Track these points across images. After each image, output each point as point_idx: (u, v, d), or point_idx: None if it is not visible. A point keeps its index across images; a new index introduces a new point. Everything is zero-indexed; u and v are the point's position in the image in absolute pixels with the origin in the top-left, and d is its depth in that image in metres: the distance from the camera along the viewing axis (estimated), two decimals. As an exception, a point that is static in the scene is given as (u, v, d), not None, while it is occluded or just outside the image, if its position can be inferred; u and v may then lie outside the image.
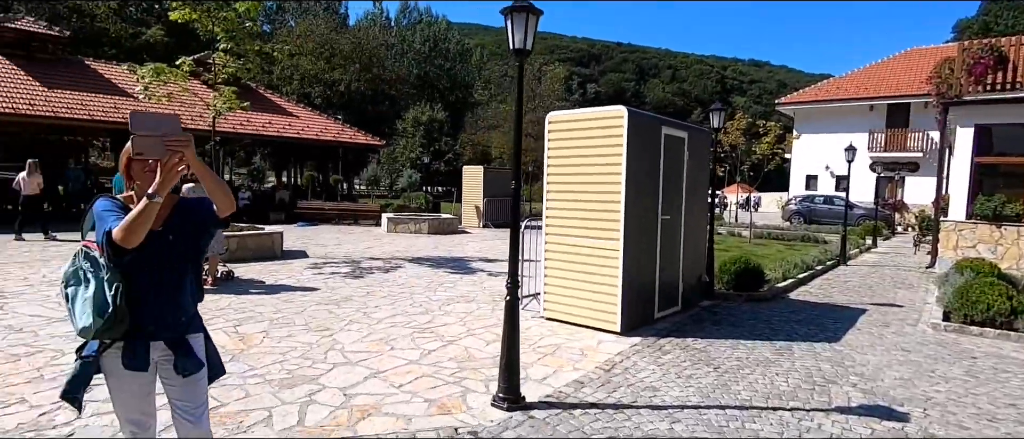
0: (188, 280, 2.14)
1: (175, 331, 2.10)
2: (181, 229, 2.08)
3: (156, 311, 2.03)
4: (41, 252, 10.00)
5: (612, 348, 5.19)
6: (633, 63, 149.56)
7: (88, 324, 1.91)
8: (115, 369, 2.03)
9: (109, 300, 1.91)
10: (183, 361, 2.09)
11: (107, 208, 2.00)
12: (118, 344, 2.02)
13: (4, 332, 5.06)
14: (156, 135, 1.84)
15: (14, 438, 3.12)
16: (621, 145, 5.50)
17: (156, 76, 8.97)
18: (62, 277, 2.02)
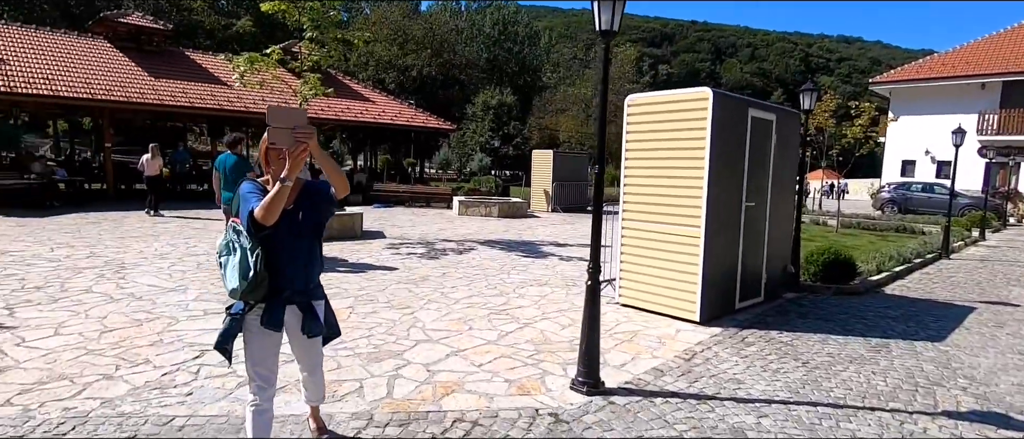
0: (314, 252, 2.51)
1: (304, 296, 2.49)
2: (308, 207, 2.45)
3: (289, 276, 2.42)
4: (151, 228, 11.00)
5: (691, 337, 5.07)
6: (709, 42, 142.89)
7: (235, 286, 2.29)
8: (254, 327, 2.42)
9: (251, 265, 2.28)
10: (310, 323, 2.51)
11: (250, 190, 2.35)
12: (259, 306, 2.40)
13: (128, 299, 5.62)
14: (287, 127, 2.17)
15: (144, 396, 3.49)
16: (705, 128, 5.30)
17: (250, 65, 9.55)
18: (217, 248, 2.44)
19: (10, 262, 7.22)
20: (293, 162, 2.20)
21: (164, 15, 33.10)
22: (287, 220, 2.35)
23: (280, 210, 2.23)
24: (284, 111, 2.21)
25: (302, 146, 2.19)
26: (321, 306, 2.58)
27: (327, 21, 9.72)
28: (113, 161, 17.73)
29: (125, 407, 3.27)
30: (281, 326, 2.45)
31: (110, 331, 4.60)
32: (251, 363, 2.47)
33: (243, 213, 2.31)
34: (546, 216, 17.25)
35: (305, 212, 2.45)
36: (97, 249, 8.44)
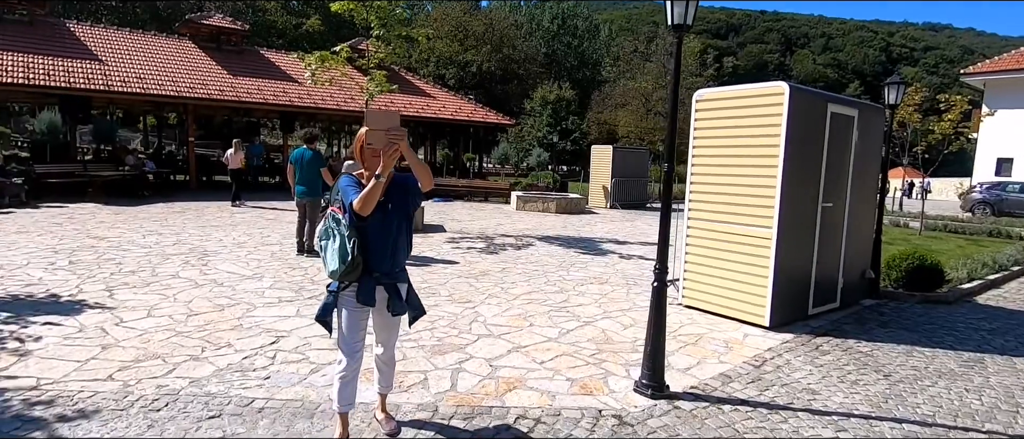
0: (402, 238, 2.79)
1: (391, 278, 2.77)
2: (397, 199, 2.74)
3: (380, 260, 2.71)
4: (229, 218, 11.69)
5: (760, 343, 4.87)
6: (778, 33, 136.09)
7: (335, 268, 2.62)
8: (349, 303, 2.74)
9: (349, 250, 2.59)
10: (395, 303, 2.78)
11: (349, 184, 2.69)
12: (353, 286, 2.71)
13: (211, 286, 6.00)
14: (382, 130, 2.47)
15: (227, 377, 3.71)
16: (780, 125, 5.05)
17: (321, 63, 9.94)
18: (318, 234, 2.75)
19: (108, 248, 7.87)
20: (386, 161, 2.49)
21: (241, 15, 35.03)
22: (379, 210, 2.63)
23: (375, 202, 2.55)
24: (380, 114, 2.50)
25: (395, 147, 2.49)
26: (404, 288, 2.85)
27: (393, 19, 9.97)
28: (195, 155, 18.97)
29: (210, 387, 3.49)
30: (373, 302, 2.74)
31: (196, 315, 4.93)
32: (343, 333, 2.79)
33: (345, 203, 2.66)
34: (605, 213, 17.04)
35: (394, 203, 2.72)
36: (182, 236, 9.05)
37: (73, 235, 8.75)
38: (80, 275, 6.16)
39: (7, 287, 5.54)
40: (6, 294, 5.29)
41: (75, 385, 3.43)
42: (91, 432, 2.89)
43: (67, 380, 3.50)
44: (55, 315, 4.72)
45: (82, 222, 10.16)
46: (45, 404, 3.17)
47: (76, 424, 2.97)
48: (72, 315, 4.74)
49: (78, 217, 10.78)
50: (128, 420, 3.03)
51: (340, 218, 2.65)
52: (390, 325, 2.91)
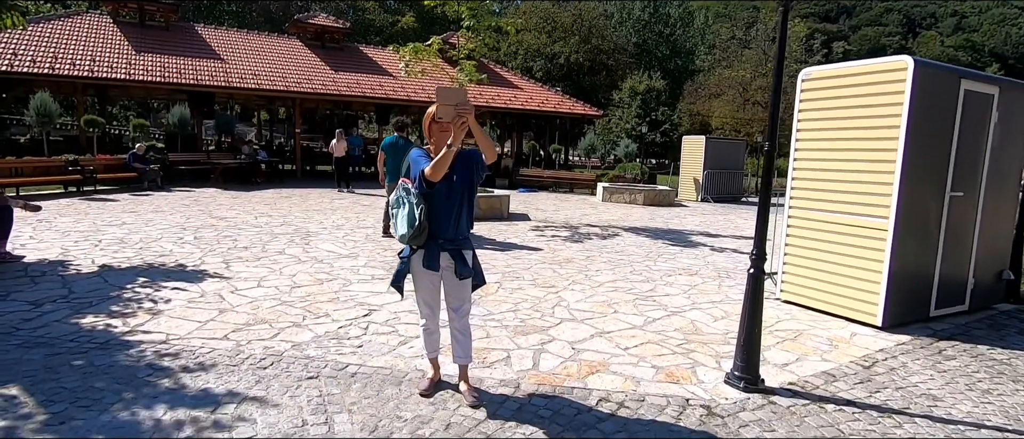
0: (466, 208, 2.95)
1: (455, 244, 2.92)
2: (462, 171, 2.90)
3: (444, 226, 2.89)
4: (330, 203, 12.47)
5: (870, 343, 4.44)
6: (899, 13, 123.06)
7: (404, 232, 2.83)
8: (418, 268, 2.96)
9: (417, 216, 2.78)
10: (461, 267, 2.92)
11: (420, 155, 2.95)
12: (420, 252, 2.91)
13: (312, 262, 6.44)
14: (451, 105, 2.65)
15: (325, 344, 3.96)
16: (901, 104, 4.56)
17: (415, 55, 10.31)
18: (391, 202, 2.98)
19: (226, 227, 8.67)
20: (457, 131, 2.71)
21: (343, 15, 37.18)
22: (445, 181, 2.83)
23: (445, 170, 2.74)
24: (450, 91, 2.69)
25: (463, 119, 2.68)
26: (470, 255, 2.99)
27: (483, 10, 10.12)
28: (301, 146, 20.44)
29: (309, 351, 3.74)
30: (438, 267, 2.92)
31: (298, 287, 5.30)
32: (419, 295, 3.07)
33: (414, 172, 2.88)
34: (695, 206, 16.34)
35: (459, 175, 2.88)
36: (288, 219, 9.78)
37: (198, 215, 9.74)
38: (203, 249, 6.84)
39: (144, 257, 6.27)
40: (144, 263, 5.99)
41: (197, 342, 3.81)
42: (209, 383, 3.20)
43: (190, 337, 3.89)
44: (182, 282, 5.27)
45: (205, 204, 11.28)
46: (172, 356, 3.55)
47: (197, 375, 3.29)
48: (196, 282, 5.27)
49: (202, 200, 11.98)
50: (239, 375, 3.32)
51: (410, 187, 2.86)
52: (460, 290, 3.03)
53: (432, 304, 3.09)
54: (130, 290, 4.92)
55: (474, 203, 3.06)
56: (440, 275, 2.99)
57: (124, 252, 6.46)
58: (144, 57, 17.10)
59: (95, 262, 5.91)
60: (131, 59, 16.79)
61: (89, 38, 17.32)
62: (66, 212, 9.42)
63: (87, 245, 6.77)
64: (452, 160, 2.76)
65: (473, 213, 3.07)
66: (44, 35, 16.70)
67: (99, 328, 3.98)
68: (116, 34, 18.08)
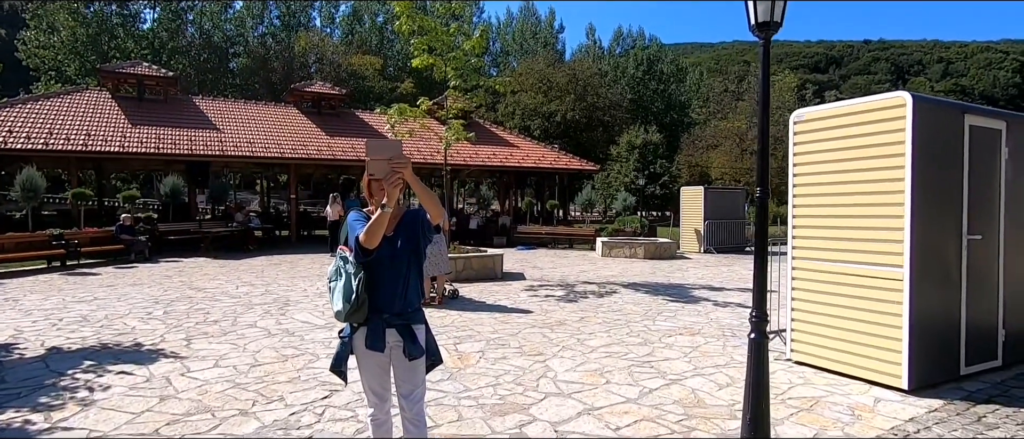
0: (412, 276, 2.58)
1: (403, 319, 2.54)
2: (406, 233, 2.56)
3: (388, 299, 2.52)
4: (319, 268, 12.07)
5: (898, 411, 3.90)
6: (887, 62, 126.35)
7: (340, 308, 2.46)
8: (361, 349, 2.56)
9: (354, 288, 2.42)
10: (409, 346, 2.52)
11: (356, 219, 2.56)
12: (363, 330, 2.53)
13: (282, 335, 5.97)
14: (384, 159, 2.31)
15: (268, 437, 3.46)
16: (903, 142, 4.22)
17: (400, 115, 10.20)
18: (328, 275, 2.60)
19: (203, 298, 8.25)
20: (391, 190, 2.36)
21: (343, 83, 38.15)
22: (388, 246, 2.49)
23: (381, 234, 2.39)
24: (382, 144, 2.36)
25: (397, 175, 2.33)
26: (421, 330, 2.61)
27: (469, 68, 10.07)
28: (297, 211, 20.28)
29: (251, 446, 3.24)
30: (383, 347, 2.54)
31: (259, 365, 4.83)
32: (364, 381, 2.66)
33: (351, 239, 2.51)
34: (698, 257, 15.85)
35: (403, 238, 2.56)
36: (271, 287, 9.37)
37: (178, 287, 9.33)
38: (168, 325, 6.40)
39: (101, 336, 5.82)
40: (98, 343, 5.54)
41: (123, 439, 3.32)
42: (118, 494, 2.70)
43: (117, 433, 3.41)
44: (132, 364, 4.81)
45: (189, 274, 10.90)
46: (87, 459, 3.06)
47: (107, 483, 2.80)
48: (146, 364, 4.81)
49: (187, 270, 11.61)
50: (158, 481, 2.82)
51: (347, 256, 2.50)
52: (410, 373, 2.61)
53: (379, 391, 2.66)
54: (69, 376, 4.46)
55: (423, 270, 2.68)
56: (387, 356, 2.58)
57: (82, 331, 6.02)
58: (140, 129, 17.22)
59: (44, 345, 5.46)
60: (126, 132, 16.89)
61: (86, 113, 17.52)
62: (39, 288, 9.04)
63: (45, 325, 6.34)
64: (391, 222, 2.45)
65: (422, 282, 2.69)
66: (41, 112, 16.90)
67: (15, 425, 3.51)
68: (113, 108, 18.32)
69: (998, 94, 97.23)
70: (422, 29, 10.38)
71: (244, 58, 44.92)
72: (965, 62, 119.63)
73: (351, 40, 50.86)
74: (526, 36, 61.21)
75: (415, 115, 10.38)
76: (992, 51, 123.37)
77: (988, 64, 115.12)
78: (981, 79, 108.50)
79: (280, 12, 48.87)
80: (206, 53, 42.09)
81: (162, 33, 39.57)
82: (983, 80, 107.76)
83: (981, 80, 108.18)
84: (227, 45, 44.96)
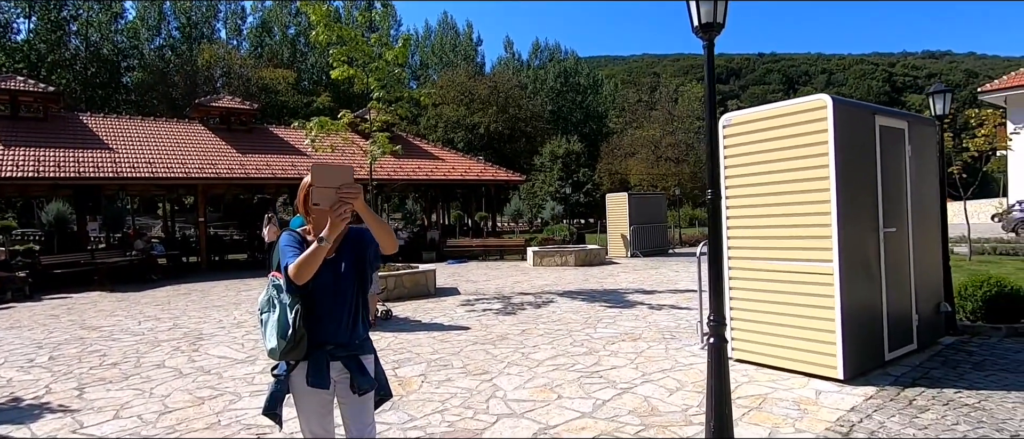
0: (359, 303, 2.28)
1: (349, 350, 2.25)
2: (351, 257, 2.24)
3: (332, 330, 2.21)
4: (235, 296, 11.13)
5: (839, 401, 4.02)
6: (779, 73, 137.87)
7: (274, 345, 2.12)
8: (301, 387, 2.22)
9: (290, 322, 2.09)
10: (358, 378, 2.23)
11: (288, 243, 2.19)
12: (303, 365, 2.19)
13: (196, 374, 5.34)
14: (332, 187, 2.00)
15: (187, 493, 2.99)
16: (826, 143, 4.42)
17: (321, 128, 9.65)
18: (258, 305, 2.26)
19: (98, 337, 7.29)
20: (334, 222, 2.05)
21: (254, 97, 36.08)
22: (330, 270, 2.19)
23: (313, 271, 2.07)
24: (329, 169, 2.03)
25: (346, 206, 2.04)
26: (370, 361, 2.32)
27: (392, 79, 9.73)
28: (207, 235, 18.75)
29: (164, 512, 2.77)
30: (328, 384, 2.21)
31: (169, 412, 4.25)
32: (305, 426, 2.31)
33: (282, 267, 2.16)
34: (626, 262, 16.24)
35: (348, 261, 2.24)
36: (180, 320, 8.48)
37: (66, 327, 8.22)
38: (55, 373, 5.55)
39: (-32, 393, 4.93)
40: (-37, 402, 4.68)
41: (-4, 521, 2.74)
42: None
43: (-11, 514, 2.81)
44: (7, 425, 4.07)
45: (80, 312, 9.67)
46: None
47: None
48: (26, 422, 4.09)
49: (78, 307, 10.31)
50: None
51: (281, 284, 2.16)
52: (359, 410, 2.31)
53: (322, 434, 2.33)
54: (-76, 447, 3.69)
55: (368, 295, 2.37)
56: (332, 392, 2.27)
57: (-59, 389, 5.08)
58: (13, 151, 15.25)
59: None
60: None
61: (-55, 134, 15.29)
62: None
63: None
64: (335, 243, 2.16)
65: (368, 308, 2.39)
66: None
67: None
68: (-20, 128, 16.13)
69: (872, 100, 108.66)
70: (341, 39, 9.92)
71: (139, 72, 41.46)
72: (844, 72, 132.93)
73: (260, 53, 48.33)
74: (446, 49, 61.07)
75: (337, 129, 9.87)
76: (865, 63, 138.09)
77: (862, 75, 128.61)
78: (857, 88, 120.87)
79: (179, 23, 45.57)
80: (94, 67, 38.37)
81: (40, 45, 35.68)
82: (859, 89, 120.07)
83: (858, 89, 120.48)
84: (119, 58, 41.25)
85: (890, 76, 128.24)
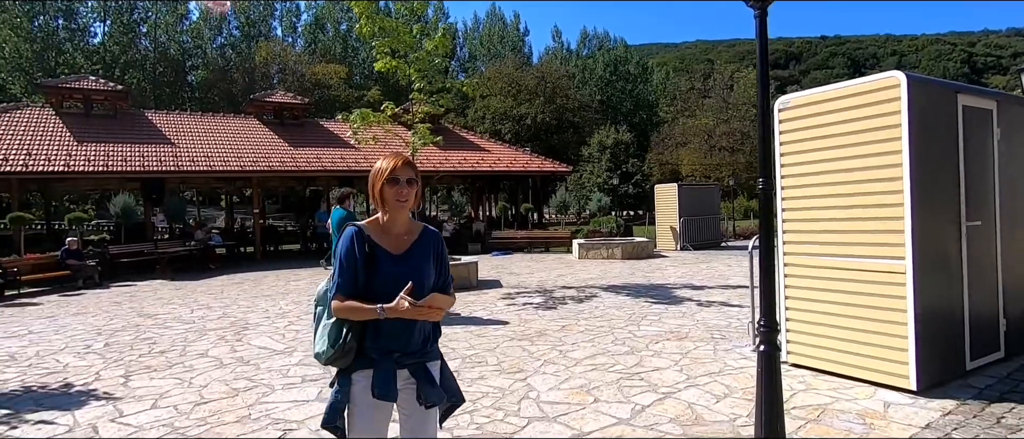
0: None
1: (418, 357, 2.02)
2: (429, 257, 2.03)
3: (405, 339, 1.97)
4: (284, 286, 11.41)
5: (912, 415, 3.59)
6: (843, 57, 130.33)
7: (321, 350, 1.97)
8: (363, 398, 1.96)
9: (343, 331, 1.94)
10: (426, 389, 1.98)
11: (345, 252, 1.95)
12: (366, 371, 1.96)
13: (235, 364, 5.41)
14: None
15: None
16: (899, 125, 3.94)
17: (363, 120, 9.68)
18: (316, 295, 2.08)
19: (152, 325, 7.57)
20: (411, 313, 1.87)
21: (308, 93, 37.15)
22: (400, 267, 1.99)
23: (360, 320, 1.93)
24: None
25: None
26: (436, 367, 2.08)
27: (432, 68, 9.63)
28: (262, 226, 19.42)
29: (182, 509, 2.72)
30: (396, 395, 1.97)
31: (204, 403, 4.28)
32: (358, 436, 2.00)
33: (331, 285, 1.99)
34: (675, 255, 15.67)
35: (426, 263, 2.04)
36: (229, 309, 8.72)
37: (125, 314, 8.61)
38: (107, 360, 5.75)
39: (26, 377, 5.16)
40: (21, 387, 4.89)
41: (25, 510, 2.76)
42: None
43: (20, 502, 2.85)
44: (54, 410, 4.20)
45: (141, 300, 10.14)
46: None
47: None
48: (72, 410, 4.21)
49: (140, 295, 10.83)
50: None
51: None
52: (422, 423, 2.06)
53: None
54: (-24, 431, 3.84)
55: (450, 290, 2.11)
56: (392, 405, 2.03)
57: (5, 374, 5.34)
58: (86, 147, 16.22)
59: (-44, 391, 4.79)
60: (71, 150, 15.88)
61: (27, 131, 16.42)
62: (-33, 324, 8.21)
63: (-37, 367, 5.63)
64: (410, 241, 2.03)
65: None
66: (-24, 132, 15.76)
67: None
68: (57, 125, 17.24)
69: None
70: (384, 31, 9.89)
71: (202, 70, 43.50)
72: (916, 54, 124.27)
73: (314, 49, 49.79)
74: (493, 40, 61.01)
75: (379, 120, 9.87)
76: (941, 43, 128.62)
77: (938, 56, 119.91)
78: (932, 70, 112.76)
79: (239, 22, 47.50)
80: (162, 66, 40.53)
81: (114, 47, 37.96)
82: (934, 71, 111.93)
83: (932, 71, 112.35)
84: (184, 58, 43.42)
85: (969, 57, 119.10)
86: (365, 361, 1.96)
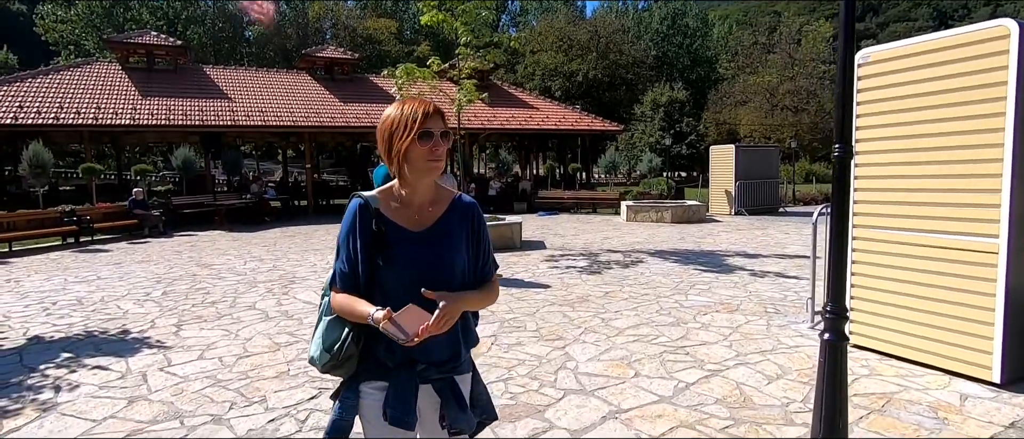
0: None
1: (447, 369, 1.58)
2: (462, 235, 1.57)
3: (429, 345, 1.46)
4: (333, 240, 11.66)
5: (993, 412, 3.23)
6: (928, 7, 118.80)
7: (315, 355, 1.55)
8: (374, 419, 1.55)
9: (342, 336, 1.51)
10: (453, 413, 1.55)
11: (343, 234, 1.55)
12: (380, 384, 1.54)
13: (280, 318, 5.52)
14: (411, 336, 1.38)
15: (242, 446, 2.98)
16: (1004, 82, 3.41)
17: (407, 75, 9.51)
18: (324, 284, 1.63)
19: (207, 276, 7.88)
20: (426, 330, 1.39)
21: (359, 48, 37.30)
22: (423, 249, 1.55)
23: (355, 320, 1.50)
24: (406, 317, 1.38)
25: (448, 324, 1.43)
26: (467, 382, 1.64)
27: (479, 21, 9.29)
28: (314, 180, 19.89)
29: (217, 464, 2.76)
30: (412, 421, 1.52)
31: (248, 356, 4.37)
32: None
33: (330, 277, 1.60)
34: (728, 220, 15.03)
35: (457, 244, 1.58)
36: (280, 262, 8.97)
37: (185, 263, 9.01)
38: (163, 308, 6.00)
39: (90, 322, 5.45)
40: (83, 331, 5.16)
41: (74, 454, 2.88)
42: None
43: (71, 446, 2.97)
44: (111, 356, 4.40)
45: (201, 249, 10.60)
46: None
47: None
48: (126, 356, 4.39)
49: (200, 244, 11.33)
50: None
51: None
52: None
53: None
54: (40, 373, 4.06)
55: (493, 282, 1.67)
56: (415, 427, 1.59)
57: (71, 317, 5.66)
58: (150, 101, 16.89)
59: (27, 333, 5.10)
60: (136, 104, 16.57)
61: (96, 86, 17.22)
62: (45, 268, 8.80)
63: (36, 309, 6.01)
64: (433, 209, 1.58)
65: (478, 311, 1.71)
66: (51, 86, 16.65)
67: (-39, 437, 3.09)
68: (124, 80, 17.99)
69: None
70: (429, -20, 9.57)
71: (258, 25, 44.30)
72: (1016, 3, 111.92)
73: (366, 4, 49.69)
74: (545, -7, 58.98)
75: (423, 76, 9.68)
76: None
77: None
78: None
79: (293, -23, 47.76)
80: (221, 22, 41.51)
81: (176, 3, 39.02)
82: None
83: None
84: (241, 13, 44.27)
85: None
86: (379, 369, 1.54)
